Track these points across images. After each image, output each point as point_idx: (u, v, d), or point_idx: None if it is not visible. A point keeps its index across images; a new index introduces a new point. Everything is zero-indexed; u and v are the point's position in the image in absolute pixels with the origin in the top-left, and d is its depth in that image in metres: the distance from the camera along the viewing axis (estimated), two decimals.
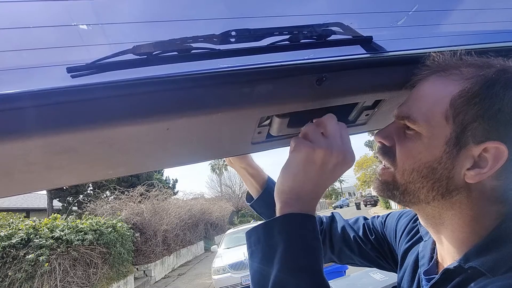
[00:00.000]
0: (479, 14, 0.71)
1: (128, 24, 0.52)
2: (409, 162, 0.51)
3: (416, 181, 0.51)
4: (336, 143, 0.52)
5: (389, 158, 0.55)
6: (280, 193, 0.53)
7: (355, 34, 0.56)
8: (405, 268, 0.69)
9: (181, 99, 0.44)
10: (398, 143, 0.53)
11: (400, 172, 0.52)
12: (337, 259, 0.90)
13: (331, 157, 0.51)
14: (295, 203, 0.51)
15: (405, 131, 0.53)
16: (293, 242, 0.47)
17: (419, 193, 0.51)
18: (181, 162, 0.68)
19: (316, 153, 0.51)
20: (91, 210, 11.26)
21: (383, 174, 0.56)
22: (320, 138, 0.52)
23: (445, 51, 0.52)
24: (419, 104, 0.50)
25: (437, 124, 0.48)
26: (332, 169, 0.52)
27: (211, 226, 19.48)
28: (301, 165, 0.51)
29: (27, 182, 0.53)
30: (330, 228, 0.91)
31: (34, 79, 0.45)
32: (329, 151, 0.51)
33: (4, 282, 5.79)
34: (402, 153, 0.52)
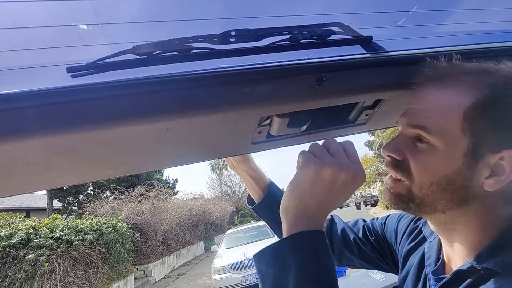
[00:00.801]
0: (479, 14, 0.71)
1: (128, 24, 0.52)
2: (428, 175, 0.50)
3: (435, 193, 0.50)
4: (344, 161, 0.51)
5: (402, 172, 0.53)
6: (286, 211, 0.52)
7: (355, 34, 0.56)
8: (408, 269, 0.69)
9: (181, 99, 0.44)
10: (411, 156, 0.52)
11: (418, 186, 0.51)
12: (337, 261, 0.90)
13: (340, 175, 0.50)
14: (301, 222, 0.50)
15: (416, 144, 0.51)
16: (305, 263, 0.46)
17: (437, 204, 0.51)
18: (181, 162, 0.68)
19: (325, 170, 0.50)
20: (91, 210, 11.27)
21: (396, 187, 0.55)
22: (327, 156, 0.52)
23: (441, 52, 0.52)
24: (433, 116, 0.49)
25: (454, 136, 0.47)
26: (341, 187, 0.51)
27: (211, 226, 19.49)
28: (309, 182, 0.50)
29: (27, 182, 0.53)
30: (330, 231, 0.91)
31: (34, 79, 0.45)
32: (338, 168, 0.50)
33: (4, 282, 5.79)
34: (419, 167, 0.51)
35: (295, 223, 0.50)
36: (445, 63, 0.50)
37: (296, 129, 0.60)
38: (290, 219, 0.51)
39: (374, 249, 0.84)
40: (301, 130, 0.61)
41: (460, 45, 0.59)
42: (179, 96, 0.44)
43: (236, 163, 0.89)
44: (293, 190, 0.52)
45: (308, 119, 0.59)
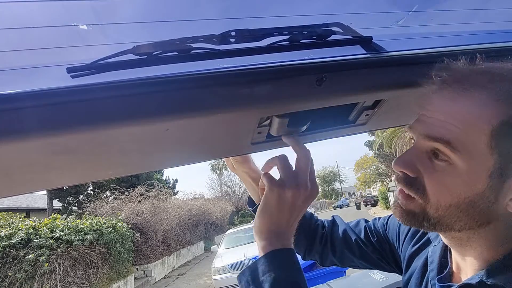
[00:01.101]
0: (479, 14, 0.71)
1: (128, 24, 0.52)
2: (446, 197, 0.46)
3: (453, 215, 0.46)
4: (303, 181, 0.58)
5: (416, 191, 0.49)
6: (259, 232, 0.59)
7: (355, 34, 0.56)
8: (411, 272, 0.68)
9: (181, 99, 0.44)
10: (428, 175, 0.47)
11: (434, 207, 0.47)
12: (339, 262, 0.90)
13: (300, 194, 0.58)
14: (274, 240, 0.57)
15: (432, 160, 0.46)
16: (276, 279, 0.51)
17: (454, 224, 0.47)
18: (181, 163, 0.68)
19: (287, 194, 0.57)
20: (91, 210, 11.27)
21: (407, 204, 0.51)
22: (290, 176, 0.58)
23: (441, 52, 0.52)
24: (455, 129, 0.43)
25: (479, 155, 0.42)
26: (301, 204, 0.59)
27: (211, 226, 19.49)
28: (275, 205, 0.58)
29: (27, 182, 0.53)
30: (332, 232, 0.91)
31: (34, 79, 0.45)
32: (297, 189, 0.57)
33: (4, 282, 5.79)
34: (436, 188, 0.46)
35: (269, 241, 0.57)
36: (464, 65, 0.46)
37: (296, 130, 0.60)
38: (264, 238, 0.58)
39: (376, 250, 0.84)
40: (301, 130, 0.61)
41: (460, 45, 0.59)
42: (179, 96, 0.44)
43: (236, 164, 0.89)
44: (263, 212, 0.59)
45: (308, 119, 0.59)
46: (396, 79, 0.54)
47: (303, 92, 0.50)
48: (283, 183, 0.58)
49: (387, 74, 0.54)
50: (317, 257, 0.91)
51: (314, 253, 0.90)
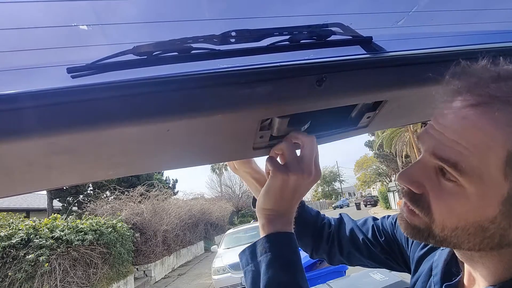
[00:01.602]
0: (479, 14, 0.71)
1: (128, 24, 0.52)
2: (452, 220, 0.42)
3: (460, 236, 0.43)
4: (308, 167, 0.59)
5: (421, 208, 0.46)
6: (261, 210, 0.62)
7: (355, 34, 0.55)
8: (419, 275, 0.67)
9: (181, 99, 0.44)
10: (433, 194, 0.44)
11: (439, 227, 0.44)
12: (347, 261, 0.89)
13: (303, 180, 0.59)
14: (275, 220, 0.60)
15: (440, 178, 0.43)
16: (273, 261, 0.54)
17: (462, 245, 0.44)
18: (182, 164, 0.67)
19: (291, 179, 0.59)
20: (91, 210, 11.27)
21: (413, 220, 0.47)
22: (295, 162, 0.59)
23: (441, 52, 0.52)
24: (467, 152, 0.38)
25: (491, 181, 0.38)
26: (304, 189, 0.62)
27: (211, 226, 19.49)
28: (278, 190, 0.60)
29: (27, 182, 0.53)
30: (338, 230, 0.90)
31: (34, 79, 0.45)
32: (301, 176, 0.59)
33: (4, 282, 5.79)
34: (442, 209, 0.43)
35: (269, 220, 0.61)
36: (483, 68, 0.41)
37: (296, 130, 0.60)
38: (265, 217, 0.62)
39: (384, 250, 0.82)
40: (301, 130, 0.61)
41: (460, 45, 0.59)
42: (179, 96, 0.44)
43: (238, 164, 0.88)
44: (266, 195, 0.62)
45: (308, 119, 0.59)
46: (397, 80, 0.54)
47: (304, 92, 0.50)
48: (288, 169, 0.59)
49: (388, 75, 0.54)
50: (324, 256, 0.90)
51: (321, 252, 0.90)
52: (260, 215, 0.62)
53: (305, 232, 0.89)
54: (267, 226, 0.60)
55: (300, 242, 0.89)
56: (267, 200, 0.61)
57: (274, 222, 0.60)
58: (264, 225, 0.61)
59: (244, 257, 0.60)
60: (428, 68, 0.55)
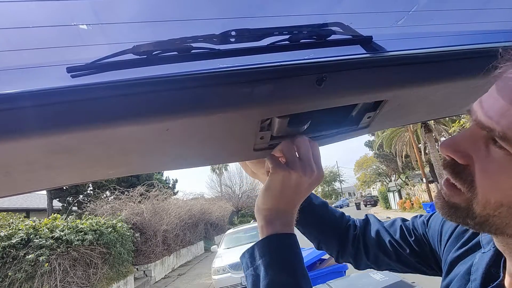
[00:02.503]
0: (479, 14, 0.71)
1: (128, 24, 0.52)
2: (497, 193, 0.38)
3: (505, 216, 0.38)
4: (309, 165, 0.58)
5: (463, 181, 0.42)
6: (260, 210, 0.61)
7: (355, 34, 0.55)
8: (452, 278, 0.61)
9: (181, 99, 0.44)
10: (479, 163, 0.40)
11: (481, 204, 0.40)
12: (375, 266, 0.84)
13: (305, 179, 0.57)
14: (274, 220, 0.58)
15: (489, 146, 0.39)
16: (272, 264, 0.53)
17: (506, 228, 0.40)
18: (182, 165, 0.67)
19: (292, 177, 0.57)
20: (91, 210, 11.27)
21: (452, 196, 0.44)
22: (295, 161, 0.58)
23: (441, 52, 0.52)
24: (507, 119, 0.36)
25: None
26: (306, 189, 0.59)
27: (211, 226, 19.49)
28: (279, 187, 0.58)
29: (27, 182, 0.53)
30: (364, 232, 0.85)
31: (34, 79, 0.45)
32: (302, 173, 0.57)
33: (4, 282, 5.79)
34: (486, 181, 0.39)
35: (268, 222, 0.59)
36: None
37: (297, 129, 0.60)
38: (263, 218, 0.60)
39: (413, 252, 0.75)
40: (300, 130, 0.61)
41: (460, 45, 0.59)
42: (179, 96, 0.44)
43: (255, 167, 0.84)
44: (266, 193, 0.60)
45: (308, 119, 0.59)
46: (397, 79, 0.54)
47: (304, 92, 0.50)
48: (288, 166, 0.58)
49: (388, 74, 0.54)
50: (351, 259, 0.86)
51: (347, 255, 0.86)
52: (259, 215, 0.61)
53: (330, 234, 0.86)
54: (265, 228, 0.58)
55: (325, 246, 0.87)
56: (266, 199, 0.60)
57: (273, 223, 0.58)
58: (263, 227, 0.59)
59: (244, 260, 0.59)
60: (428, 68, 0.55)
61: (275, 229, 0.57)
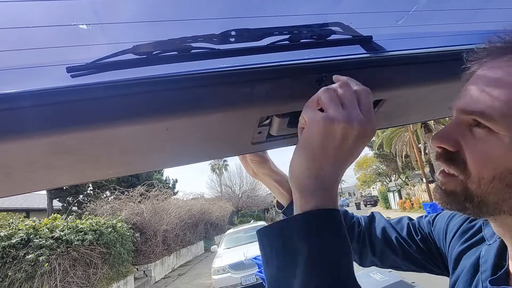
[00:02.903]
0: (478, 13, 0.71)
1: (128, 24, 0.52)
2: (488, 168, 0.42)
3: (499, 191, 0.41)
4: (356, 114, 0.43)
5: (457, 166, 0.45)
6: (296, 177, 0.45)
7: (355, 34, 0.56)
8: (459, 273, 0.61)
9: (181, 99, 0.44)
10: (467, 146, 0.44)
11: (475, 182, 0.43)
12: (379, 262, 0.83)
13: (352, 130, 0.43)
14: (315, 191, 0.43)
15: (473, 130, 0.44)
16: (316, 249, 0.39)
17: (502, 204, 0.42)
18: (181, 162, 0.68)
19: (335, 126, 0.43)
20: (91, 210, 11.27)
21: (448, 183, 0.46)
22: (338, 108, 0.43)
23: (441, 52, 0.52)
24: (490, 97, 0.41)
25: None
26: (353, 144, 0.44)
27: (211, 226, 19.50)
28: (319, 141, 0.43)
29: (27, 182, 0.53)
30: (369, 229, 0.85)
31: (33, 78, 0.45)
32: (350, 123, 0.43)
33: (4, 282, 5.79)
34: (476, 158, 0.43)
35: (310, 191, 0.43)
36: (499, 43, 0.44)
37: (296, 130, 0.60)
38: (300, 189, 0.44)
39: (420, 250, 0.76)
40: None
41: (460, 45, 0.59)
42: (179, 96, 0.44)
43: (256, 166, 0.85)
44: (301, 151, 0.45)
45: None
46: (396, 79, 0.54)
47: (303, 92, 0.50)
48: (330, 114, 0.43)
49: (387, 74, 0.54)
50: (355, 257, 0.85)
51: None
52: (294, 184, 0.45)
53: None
54: (303, 203, 0.43)
55: None
56: (301, 160, 0.45)
57: (312, 192, 0.43)
58: (298, 201, 0.44)
59: (268, 238, 0.44)
60: (427, 68, 0.55)
61: (313, 202, 0.42)
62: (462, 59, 0.49)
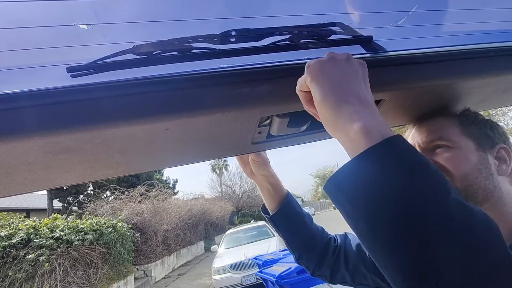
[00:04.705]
0: (479, 14, 0.71)
1: (128, 24, 0.52)
2: (461, 167, 0.59)
3: (473, 183, 0.59)
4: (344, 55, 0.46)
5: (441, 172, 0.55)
6: (332, 100, 0.41)
7: (355, 34, 0.56)
8: None
9: (181, 99, 0.44)
10: (439, 158, 0.62)
11: (458, 179, 0.59)
12: (350, 278, 0.85)
13: (352, 58, 0.46)
14: (368, 108, 0.41)
15: (435, 150, 0.63)
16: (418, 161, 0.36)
17: (477, 194, 0.58)
18: (181, 162, 0.68)
19: (339, 61, 0.44)
20: (91, 210, 11.26)
21: None
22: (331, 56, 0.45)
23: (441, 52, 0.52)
24: (440, 133, 0.64)
25: (461, 140, 0.62)
26: (360, 69, 0.45)
27: (211, 226, 19.49)
28: (339, 74, 0.43)
29: (27, 182, 0.53)
30: (345, 245, 0.88)
31: (34, 79, 0.45)
32: (345, 56, 0.45)
33: (4, 282, 5.79)
34: (451, 162, 0.60)
35: (377, 111, 0.41)
36: None
37: (296, 129, 0.60)
38: (372, 107, 0.42)
39: None
40: (301, 130, 0.61)
41: (460, 45, 0.59)
42: (179, 96, 0.44)
43: (255, 167, 0.85)
44: (325, 84, 0.42)
45: (308, 119, 0.59)
46: (396, 79, 0.54)
47: None
48: (319, 59, 0.44)
49: (387, 73, 0.54)
50: (328, 271, 0.87)
51: (325, 267, 0.87)
52: (337, 103, 0.41)
53: (313, 244, 0.87)
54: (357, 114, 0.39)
55: (306, 256, 0.88)
56: (329, 87, 0.42)
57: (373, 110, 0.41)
58: (353, 117, 0.39)
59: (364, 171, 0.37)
60: (427, 68, 0.55)
61: (380, 132, 0.38)
62: (461, 59, 0.49)
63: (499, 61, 0.58)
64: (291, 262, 4.70)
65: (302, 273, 4.12)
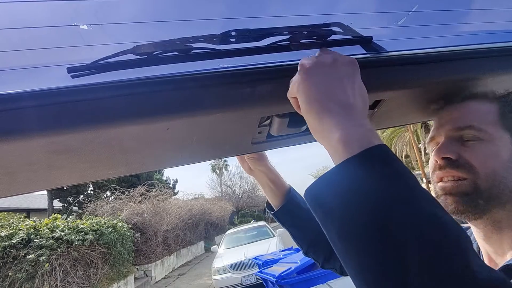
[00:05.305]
0: (479, 14, 0.71)
1: (128, 24, 0.52)
2: (488, 164, 0.52)
3: (500, 183, 0.51)
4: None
5: (464, 169, 0.53)
6: (345, 106, 0.41)
7: (355, 34, 0.56)
8: None
9: (181, 99, 0.44)
10: (467, 151, 0.54)
11: (483, 177, 0.52)
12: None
13: (341, 57, 0.45)
14: (364, 120, 0.40)
15: (465, 142, 0.55)
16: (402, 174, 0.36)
17: (502, 195, 0.51)
18: (182, 162, 0.68)
19: (342, 58, 0.44)
20: (92, 210, 11.26)
21: (458, 187, 0.54)
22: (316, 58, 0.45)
23: (441, 52, 0.52)
24: (474, 121, 0.55)
25: (496, 131, 0.53)
26: (350, 70, 0.44)
27: (212, 226, 19.49)
28: (322, 75, 0.43)
29: (28, 182, 0.53)
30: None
31: (34, 79, 0.45)
32: (335, 54, 0.46)
33: (4, 282, 5.80)
34: (479, 158, 0.53)
35: (361, 118, 0.40)
36: None
37: (296, 129, 0.60)
38: (354, 114, 0.40)
39: None
40: (301, 130, 0.61)
41: (460, 45, 0.59)
42: (179, 96, 0.44)
43: (252, 163, 0.85)
44: (312, 85, 0.42)
45: None
46: (396, 79, 0.54)
47: None
48: (313, 62, 0.44)
49: (387, 74, 0.54)
50: (337, 264, 0.85)
51: (334, 259, 0.84)
52: (343, 112, 0.40)
53: (322, 238, 0.86)
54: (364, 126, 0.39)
55: (314, 249, 0.86)
56: (333, 87, 0.42)
57: (364, 120, 0.40)
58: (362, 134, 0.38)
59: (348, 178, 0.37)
60: (427, 68, 0.55)
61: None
62: (462, 59, 0.49)
63: (501, 61, 0.58)
64: (291, 262, 4.70)
65: (302, 273, 4.13)
